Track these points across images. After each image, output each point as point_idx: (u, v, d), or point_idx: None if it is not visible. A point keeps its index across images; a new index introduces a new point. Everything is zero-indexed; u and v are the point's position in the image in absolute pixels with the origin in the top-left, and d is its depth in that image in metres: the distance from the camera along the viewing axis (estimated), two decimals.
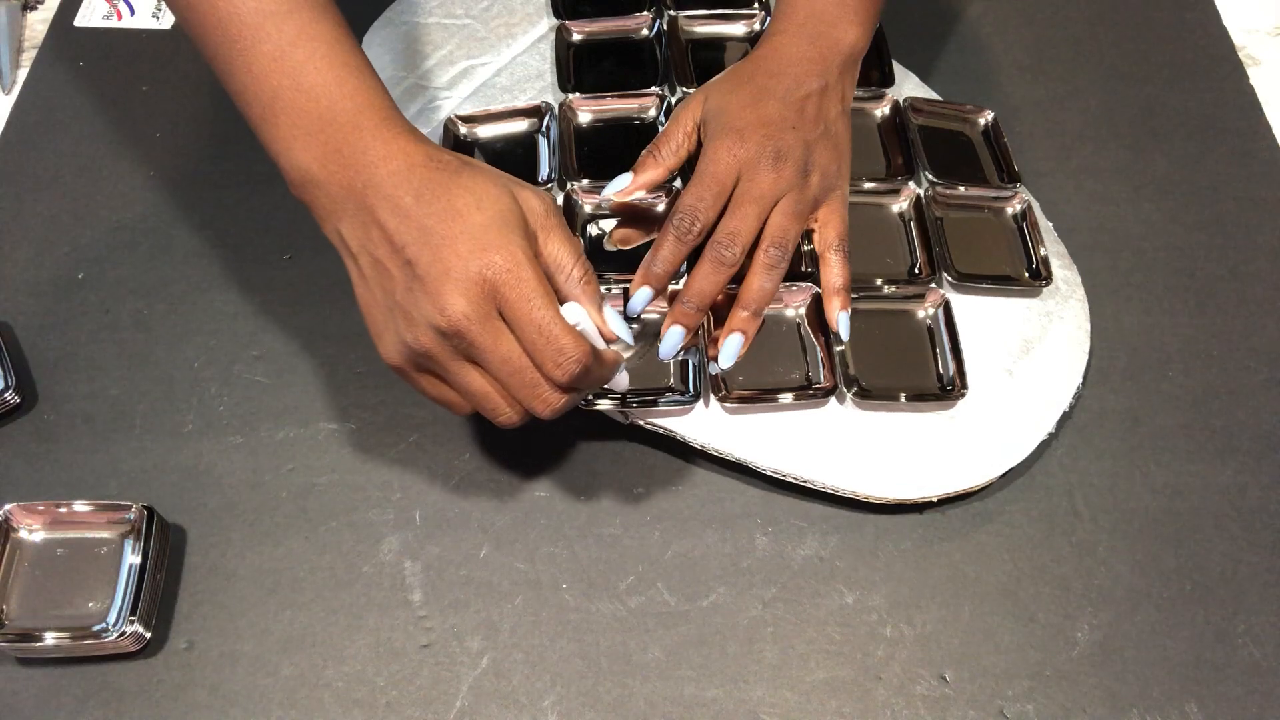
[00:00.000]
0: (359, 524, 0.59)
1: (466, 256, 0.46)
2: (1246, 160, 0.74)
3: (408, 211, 0.47)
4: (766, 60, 0.60)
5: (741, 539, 0.59)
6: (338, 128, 0.48)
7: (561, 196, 0.67)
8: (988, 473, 0.59)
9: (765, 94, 0.58)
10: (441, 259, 0.46)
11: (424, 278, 0.46)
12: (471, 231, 0.46)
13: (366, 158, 0.48)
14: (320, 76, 0.49)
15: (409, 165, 0.48)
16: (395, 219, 0.47)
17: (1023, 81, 0.78)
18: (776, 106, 0.57)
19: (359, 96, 0.49)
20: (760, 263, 0.56)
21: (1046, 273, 0.65)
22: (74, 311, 0.67)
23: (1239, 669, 0.55)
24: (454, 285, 0.46)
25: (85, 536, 0.56)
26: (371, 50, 0.76)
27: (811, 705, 0.54)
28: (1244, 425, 0.63)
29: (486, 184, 0.48)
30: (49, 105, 0.77)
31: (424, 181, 0.47)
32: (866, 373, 0.61)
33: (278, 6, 0.49)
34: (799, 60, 0.59)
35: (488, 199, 0.47)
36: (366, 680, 0.55)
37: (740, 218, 0.55)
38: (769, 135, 0.56)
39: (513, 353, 0.47)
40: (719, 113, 0.58)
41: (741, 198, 0.56)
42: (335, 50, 0.49)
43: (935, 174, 0.69)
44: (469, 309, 0.46)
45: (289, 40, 0.49)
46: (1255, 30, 0.82)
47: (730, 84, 0.59)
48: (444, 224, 0.46)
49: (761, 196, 0.56)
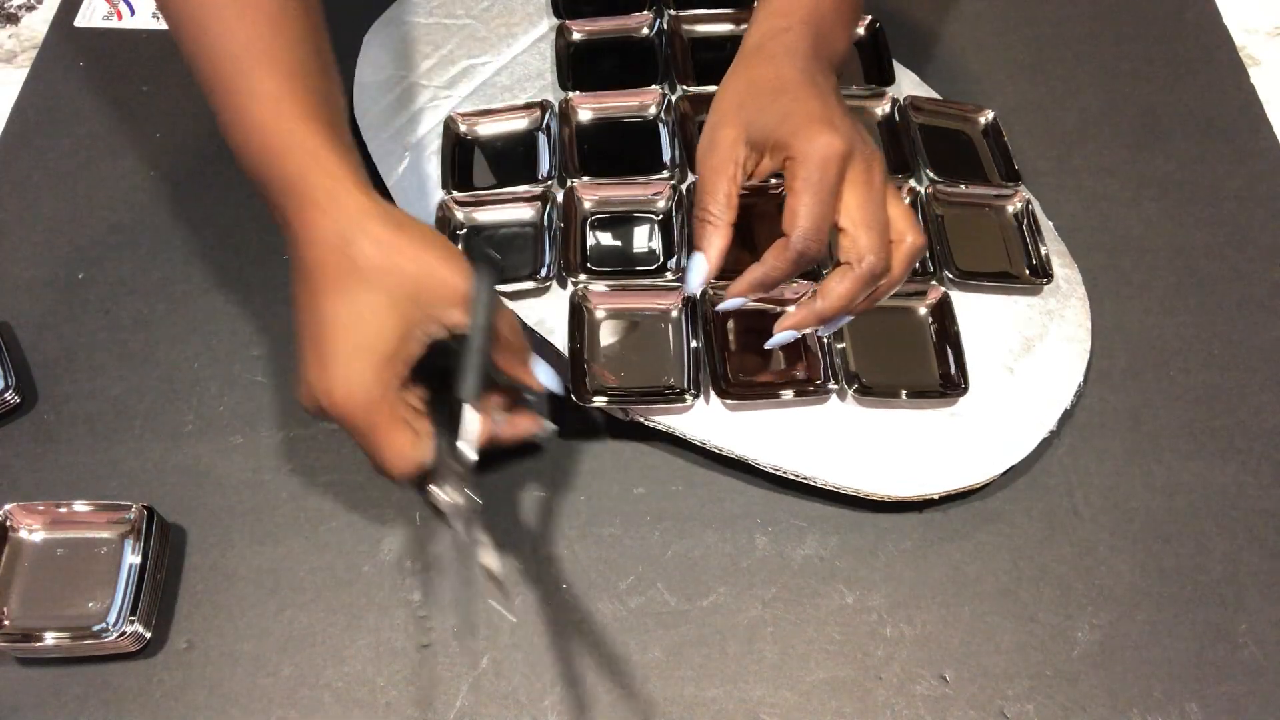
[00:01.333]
0: (359, 524, 0.59)
1: (315, 380, 0.48)
2: (1246, 160, 0.74)
3: (304, 294, 0.49)
4: (782, 59, 0.55)
5: (741, 539, 0.59)
6: (285, 178, 0.49)
7: (562, 194, 0.67)
8: (989, 470, 0.59)
9: (808, 89, 0.53)
10: (308, 364, 0.49)
11: (299, 366, 0.50)
12: (331, 353, 0.48)
13: (292, 233, 0.49)
14: (277, 139, 0.49)
15: (317, 261, 0.48)
16: (298, 289, 0.50)
17: (1023, 81, 0.78)
18: (831, 101, 0.53)
19: (304, 163, 0.49)
20: None
21: (1047, 271, 0.65)
22: (74, 311, 0.67)
23: (1239, 669, 0.55)
24: (306, 396, 0.49)
25: (85, 536, 0.56)
26: (371, 50, 0.76)
27: (811, 705, 0.54)
28: (1244, 425, 0.63)
29: (374, 296, 0.48)
30: (49, 105, 0.77)
31: (322, 270, 0.48)
32: (867, 370, 0.61)
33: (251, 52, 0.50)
34: (813, 56, 0.56)
35: (364, 320, 0.48)
36: (366, 680, 0.54)
37: (881, 237, 0.52)
38: (852, 126, 0.52)
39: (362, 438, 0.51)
40: (781, 123, 0.52)
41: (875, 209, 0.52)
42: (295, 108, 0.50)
43: (935, 172, 0.69)
44: (317, 416, 0.50)
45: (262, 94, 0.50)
46: (1255, 30, 0.82)
47: (762, 95, 0.54)
48: (319, 326, 0.48)
49: (883, 198, 0.53)
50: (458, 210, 0.67)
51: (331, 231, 0.48)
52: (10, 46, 0.81)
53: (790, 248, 0.51)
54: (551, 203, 0.67)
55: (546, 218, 0.67)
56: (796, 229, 0.51)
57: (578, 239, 0.66)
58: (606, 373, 0.61)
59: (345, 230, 0.48)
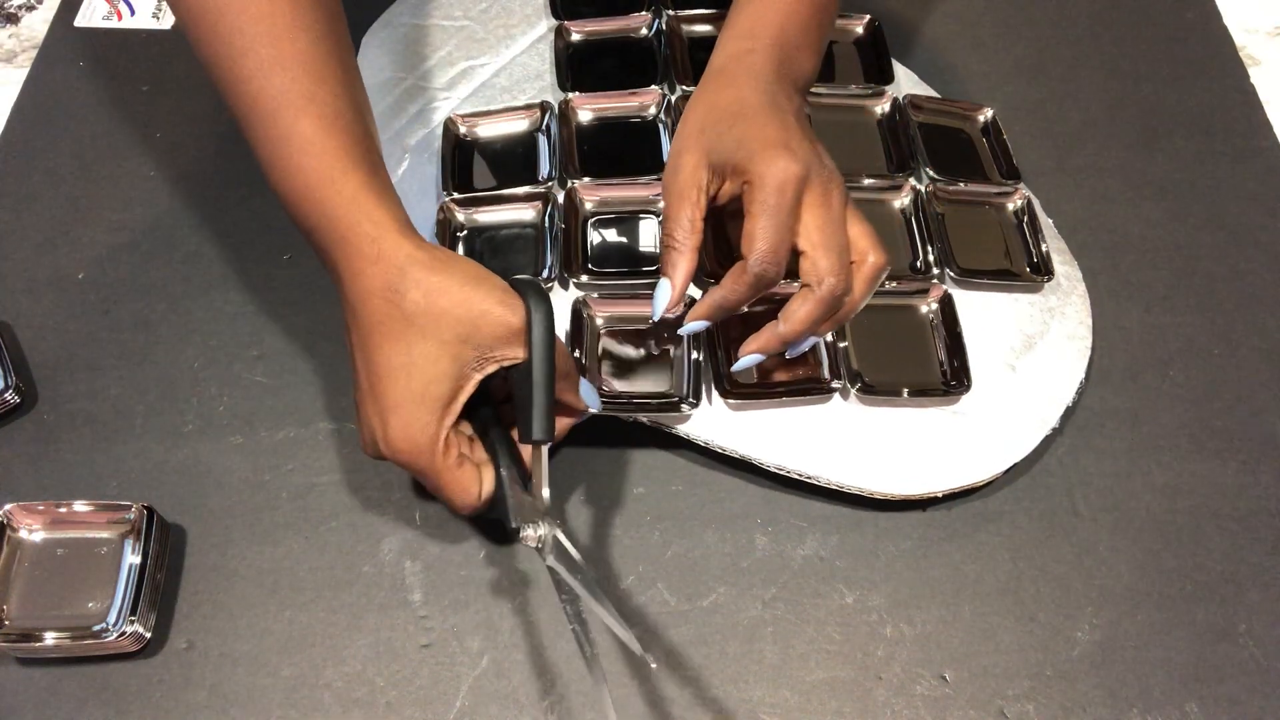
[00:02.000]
0: (359, 524, 0.59)
1: (378, 427, 0.50)
2: (1246, 160, 0.74)
3: (357, 343, 0.50)
4: (744, 81, 0.55)
5: (741, 539, 0.59)
6: (330, 227, 0.50)
7: (563, 195, 0.67)
8: (992, 468, 0.59)
9: (768, 113, 0.53)
10: (366, 412, 0.50)
11: (358, 413, 0.52)
12: (388, 402, 0.49)
13: (340, 282, 0.50)
14: (319, 186, 0.49)
15: (368, 311, 0.49)
16: (352, 336, 0.51)
17: (1023, 81, 0.78)
18: (790, 124, 0.54)
19: (348, 211, 0.49)
20: None
21: (1048, 268, 0.65)
22: (74, 311, 0.67)
23: (1239, 669, 0.55)
24: (368, 444, 0.51)
25: (85, 536, 0.56)
26: (370, 51, 0.76)
27: (811, 705, 0.54)
28: (1244, 425, 0.63)
29: (425, 344, 0.48)
30: (49, 105, 0.77)
31: (374, 320, 0.49)
32: (869, 369, 0.61)
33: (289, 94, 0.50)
34: (776, 78, 0.56)
35: (417, 367, 0.49)
36: (366, 680, 0.54)
37: (840, 259, 0.52)
38: (810, 149, 0.53)
39: (424, 486, 0.54)
40: (739, 147, 0.52)
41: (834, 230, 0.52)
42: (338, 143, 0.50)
43: (935, 171, 0.69)
44: (382, 459, 0.51)
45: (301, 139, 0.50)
46: (1255, 30, 0.82)
47: (722, 120, 0.54)
48: (375, 376, 0.49)
49: (842, 219, 0.53)
50: (458, 212, 0.67)
51: (380, 282, 0.48)
52: (10, 46, 0.81)
53: (748, 270, 0.52)
54: (552, 204, 0.67)
55: (547, 219, 0.67)
56: (754, 252, 0.52)
57: (579, 240, 0.66)
58: (607, 378, 0.61)
59: (393, 280, 0.48)
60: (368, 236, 0.49)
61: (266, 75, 0.49)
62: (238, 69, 0.50)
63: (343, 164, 0.49)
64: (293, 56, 0.50)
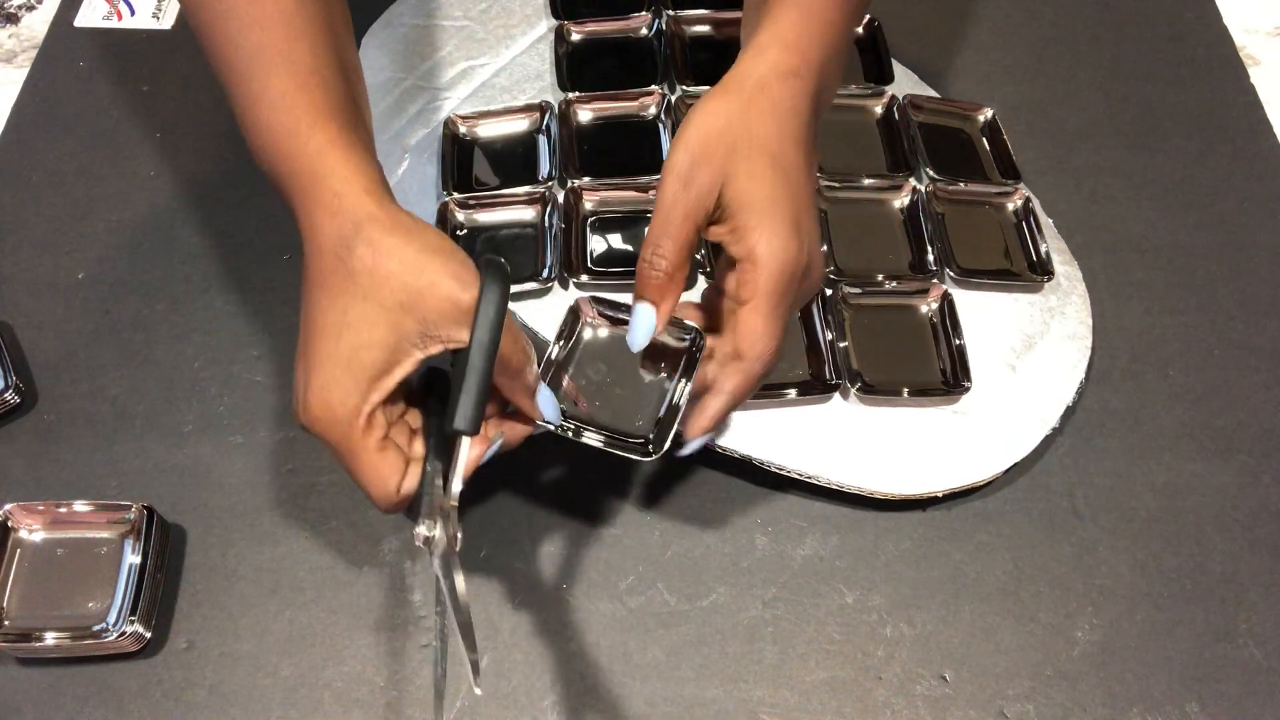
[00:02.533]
0: (359, 524, 0.59)
1: (300, 389, 0.47)
2: (1246, 160, 0.74)
3: (302, 297, 0.48)
4: (787, 118, 0.49)
5: (741, 539, 0.59)
6: (295, 180, 0.48)
7: (563, 195, 0.67)
8: (993, 467, 0.59)
9: (800, 174, 0.49)
10: (295, 373, 0.47)
11: (294, 375, 0.48)
12: (312, 362, 0.46)
13: (301, 224, 0.48)
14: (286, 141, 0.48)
15: (315, 265, 0.47)
16: (301, 291, 0.48)
17: (1023, 81, 0.78)
18: (810, 191, 0.49)
19: (313, 165, 0.48)
20: None
21: (1048, 268, 0.65)
22: (74, 311, 0.67)
23: (1239, 669, 0.55)
24: (299, 409, 0.47)
25: (85, 536, 0.56)
26: (370, 51, 0.76)
27: (811, 705, 0.54)
28: (1244, 425, 0.63)
29: (364, 305, 0.45)
30: (49, 105, 0.77)
31: (320, 274, 0.46)
32: (870, 369, 0.61)
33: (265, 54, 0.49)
34: (813, 118, 0.51)
35: (351, 328, 0.45)
36: (366, 680, 0.54)
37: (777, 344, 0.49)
38: (814, 227, 0.49)
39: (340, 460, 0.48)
40: (754, 205, 0.48)
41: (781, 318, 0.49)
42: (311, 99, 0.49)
43: (935, 171, 0.69)
44: (303, 426, 0.47)
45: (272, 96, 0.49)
46: (1255, 30, 0.82)
47: (756, 156, 0.48)
48: (308, 333, 0.47)
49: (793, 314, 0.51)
50: (458, 212, 0.67)
51: (333, 237, 0.46)
52: (10, 46, 0.81)
53: (750, 372, 0.48)
54: (552, 204, 0.67)
55: (547, 219, 0.67)
56: (758, 352, 0.48)
57: (579, 240, 0.66)
58: (579, 396, 0.54)
59: (345, 235, 0.46)
60: (330, 190, 0.46)
61: (245, 34, 0.49)
62: (220, 30, 0.49)
63: (311, 118, 0.48)
64: (273, 15, 0.49)
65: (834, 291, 0.64)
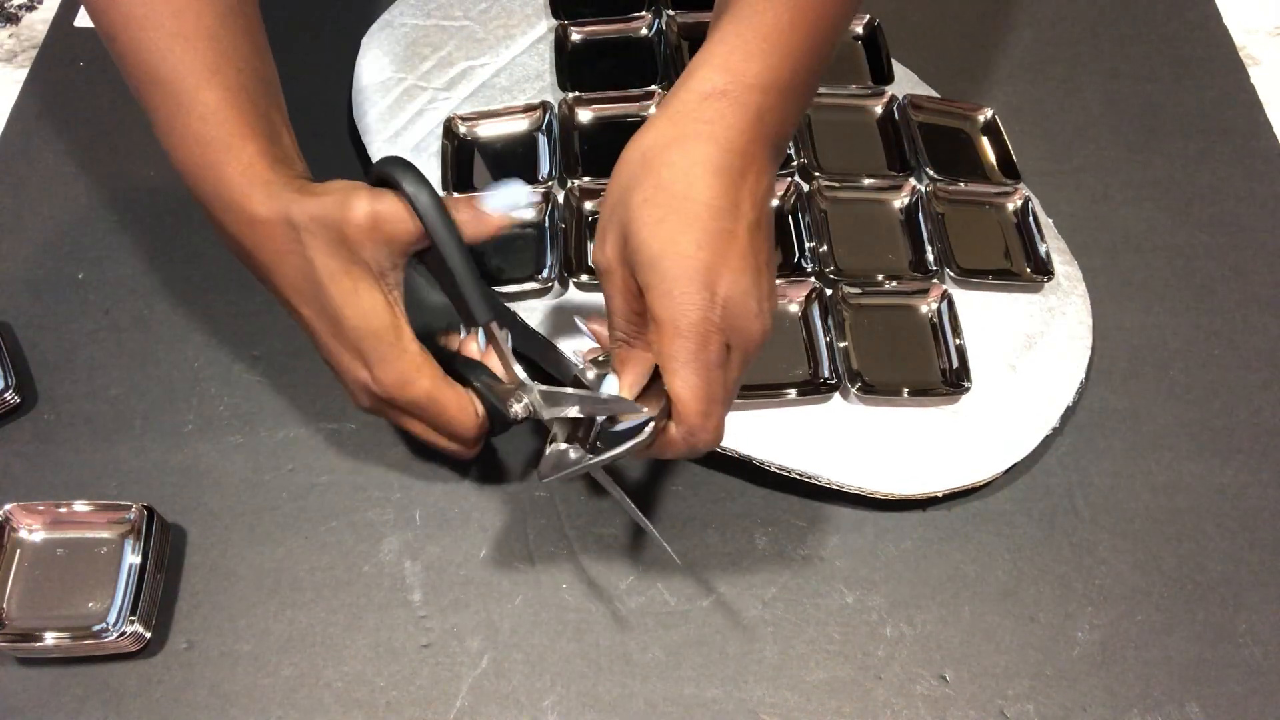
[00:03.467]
0: (359, 524, 0.59)
1: (361, 373, 0.49)
2: (1246, 160, 0.74)
3: (299, 306, 0.50)
4: (700, 148, 0.43)
5: (741, 539, 0.59)
6: (225, 195, 0.49)
7: (563, 195, 0.67)
8: (993, 467, 0.59)
9: (712, 218, 0.43)
10: (344, 365, 0.50)
11: (337, 373, 0.52)
12: (356, 342, 0.49)
13: (245, 243, 0.50)
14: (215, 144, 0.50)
15: (279, 256, 0.49)
16: (291, 303, 0.51)
17: (1023, 81, 0.78)
18: (735, 238, 0.43)
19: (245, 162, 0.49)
20: None
21: (1048, 267, 0.65)
22: (74, 311, 0.67)
23: (1239, 669, 0.55)
24: (360, 394, 0.51)
25: (85, 536, 0.56)
26: (370, 52, 0.76)
27: (811, 705, 0.54)
28: (1244, 425, 0.63)
29: (348, 279, 0.48)
30: (49, 105, 0.77)
31: (299, 277, 0.49)
32: (870, 369, 0.61)
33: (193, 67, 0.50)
34: (747, 146, 0.44)
35: (363, 300, 0.48)
36: (366, 680, 0.54)
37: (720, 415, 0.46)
38: (749, 280, 0.44)
39: (417, 427, 0.52)
40: (652, 259, 0.43)
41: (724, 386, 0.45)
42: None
43: (935, 171, 0.69)
44: (368, 405, 0.52)
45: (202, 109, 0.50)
46: (1255, 30, 0.82)
47: (655, 201, 0.43)
48: (335, 326, 0.49)
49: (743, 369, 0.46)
50: None
51: (286, 242, 0.48)
52: (10, 46, 0.81)
53: (679, 439, 0.45)
54: (552, 204, 0.67)
55: (547, 219, 0.67)
56: (683, 419, 0.44)
57: (579, 240, 0.66)
58: None
59: (293, 234, 0.48)
60: (261, 195, 0.48)
61: (169, 46, 0.50)
62: (140, 39, 0.50)
63: (241, 132, 0.49)
64: (196, 29, 0.50)
65: (834, 291, 0.64)
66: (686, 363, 0.43)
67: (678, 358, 0.43)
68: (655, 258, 0.42)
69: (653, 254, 0.42)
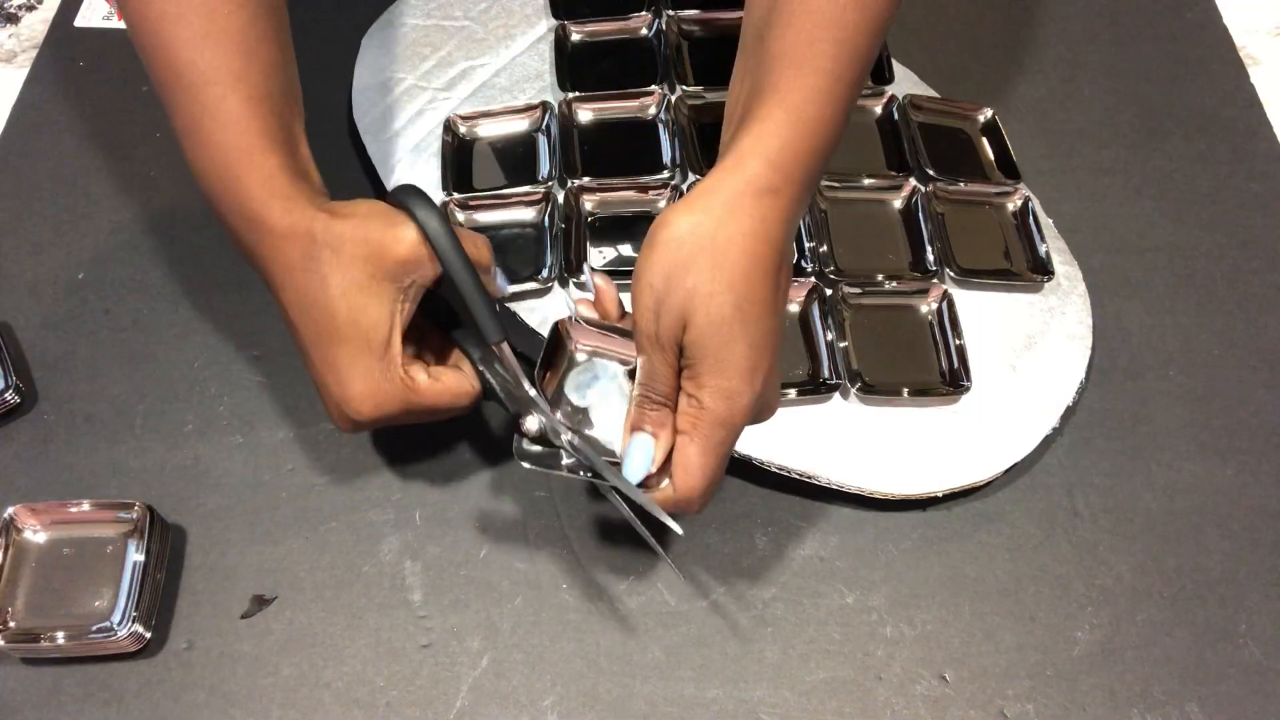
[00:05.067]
0: (359, 524, 0.59)
1: (340, 399, 0.50)
2: (1246, 160, 0.74)
3: (294, 320, 0.50)
4: (760, 248, 0.46)
5: (741, 539, 0.59)
6: (244, 206, 0.50)
7: (563, 195, 0.67)
8: (993, 467, 0.59)
9: (764, 320, 0.46)
10: (327, 388, 0.50)
11: (320, 394, 0.51)
12: (340, 369, 0.49)
13: (257, 251, 0.50)
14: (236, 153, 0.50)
15: (287, 269, 0.49)
16: (287, 315, 0.51)
17: (1023, 81, 0.78)
18: (772, 335, 0.47)
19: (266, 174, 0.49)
20: None
21: (1048, 267, 0.65)
22: (74, 311, 0.67)
23: (1239, 669, 0.55)
24: (339, 418, 0.51)
25: (89, 536, 0.56)
26: (370, 53, 0.76)
27: (811, 705, 0.54)
28: (1244, 425, 0.63)
29: (350, 298, 0.49)
30: (49, 105, 0.77)
31: (300, 293, 0.49)
32: (870, 369, 0.61)
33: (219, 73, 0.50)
34: (786, 242, 0.47)
35: (355, 325, 0.49)
36: (366, 680, 0.54)
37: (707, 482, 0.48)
38: (773, 374, 0.47)
39: (414, 419, 0.52)
40: (710, 347, 0.45)
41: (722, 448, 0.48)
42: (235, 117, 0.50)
43: (935, 171, 0.69)
44: (362, 424, 0.51)
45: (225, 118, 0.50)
46: (1255, 30, 0.82)
47: (719, 292, 0.45)
48: (320, 349, 0.50)
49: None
50: (458, 212, 0.67)
51: (297, 255, 0.49)
52: (10, 46, 0.81)
53: (670, 504, 0.48)
54: (552, 204, 0.67)
55: (547, 219, 0.67)
56: (686, 484, 0.47)
57: (579, 240, 0.66)
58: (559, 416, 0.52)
59: (306, 249, 0.49)
60: (281, 210, 0.49)
61: (198, 47, 0.50)
62: (168, 35, 0.50)
63: (263, 144, 0.50)
64: (226, 31, 0.50)
65: (834, 291, 0.64)
66: (715, 448, 0.47)
67: (711, 440, 0.46)
68: (719, 354, 0.45)
69: (717, 350, 0.45)
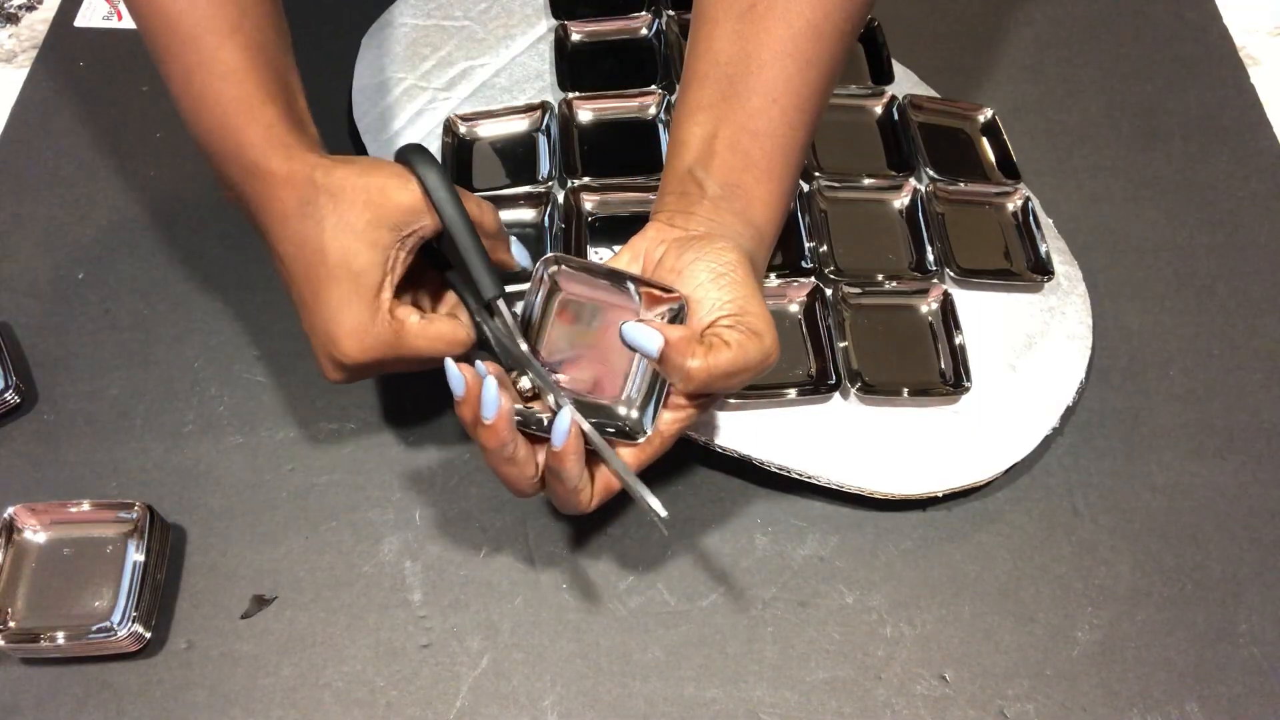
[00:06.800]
0: (359, 524, 0.59)
1: (328, 343, 0.50)
2: (1246, 160, 0.74)
3: (286, 268, 0.51)
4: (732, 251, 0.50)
5: (741, 539, 0.59)
6: (243, 155, 0.50)
7: (563, 195, 0.67)
8: (993, 467, 0.59)
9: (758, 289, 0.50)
10: (315, 333, 0.51)
11: (312, 342, 0.52)
12: (330, 314, 0.49)
13: (254, 200, 0.51)
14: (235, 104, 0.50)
15: (283, 216, 0.50)
16: (280, 264, 0.52)
17: (1023, 81, 0.78)
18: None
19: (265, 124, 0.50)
20: None
21: (1048, 267, 0.65)
22: (74, 311, 0.67)
23: (1239, 669, 0.55)
24: (330, 366, 0.51)
25: (90, 536, 0.56)
26: (369, 53, 0.76)
27: (811, 705, 0.54)
28: (1244, 425, 0.63)
29: (344, 242, 0.49)
30: (49, 105, 0.77)
31: (295, 240, 0.50)
32: (870, 369, 0.61)
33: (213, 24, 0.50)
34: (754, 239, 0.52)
35: (346, 269, 0.49)
36: (366, 680, 0.54)
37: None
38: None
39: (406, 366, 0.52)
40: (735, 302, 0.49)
41: None
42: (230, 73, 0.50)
43: (935, 170, 0.69)
44: (349, 367, 0.51)
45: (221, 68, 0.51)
46: (1255, 30, 0.82)
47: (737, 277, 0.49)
48: (310, 294, 0.50)
49: None
50: None
51: (293, 201, 0.49)
52: (10, 46, 0.81)
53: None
54: (552, 203, 0.67)
55: (547, 219, 0.67)
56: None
57: (579, 240, 0.66)
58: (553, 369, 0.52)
59: (303, 194, 0.49)
60: (281, 157, 0.49)
61: (190, 1, 0.50)
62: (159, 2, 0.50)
63: (261, 95, 0.50)
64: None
65: (834, 291, 0.64)
66: (744, 359, 0.48)
67: (746, 349, 0.48)
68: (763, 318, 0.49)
69: (764, 315, 0.49)
